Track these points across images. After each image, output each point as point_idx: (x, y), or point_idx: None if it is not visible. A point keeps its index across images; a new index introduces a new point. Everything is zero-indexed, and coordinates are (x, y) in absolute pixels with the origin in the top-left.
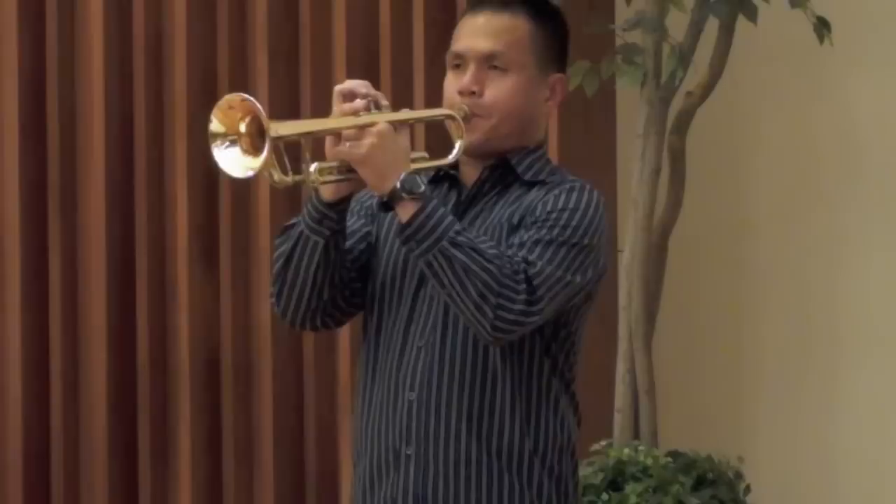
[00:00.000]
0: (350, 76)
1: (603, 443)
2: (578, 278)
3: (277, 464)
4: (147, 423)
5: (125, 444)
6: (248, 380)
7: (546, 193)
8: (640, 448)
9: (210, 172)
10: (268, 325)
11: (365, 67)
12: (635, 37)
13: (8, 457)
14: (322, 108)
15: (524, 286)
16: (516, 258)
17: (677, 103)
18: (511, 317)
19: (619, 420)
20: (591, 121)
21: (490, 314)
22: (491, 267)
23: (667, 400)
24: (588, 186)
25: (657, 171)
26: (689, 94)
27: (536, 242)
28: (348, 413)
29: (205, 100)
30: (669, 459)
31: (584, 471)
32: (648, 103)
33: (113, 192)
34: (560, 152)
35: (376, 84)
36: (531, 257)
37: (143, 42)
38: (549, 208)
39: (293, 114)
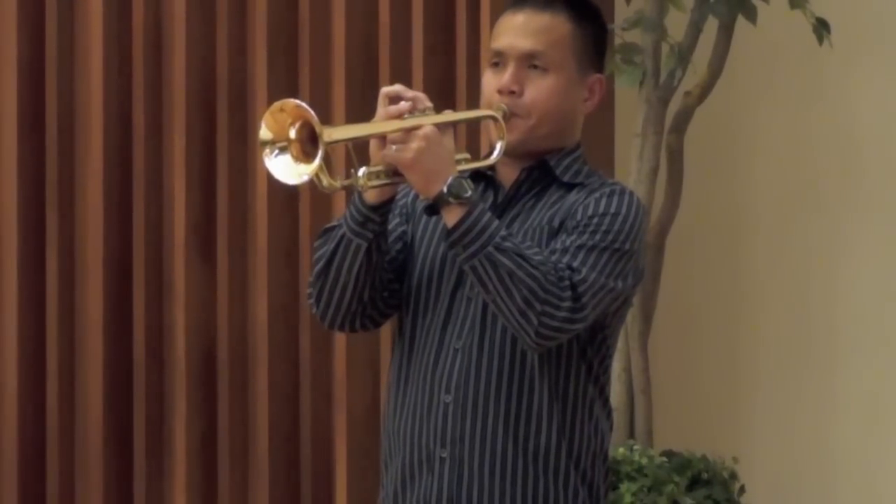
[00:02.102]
0: (349, 70)
1: None
2: (620, 284)
3: (272, 459)
4: (143, 418)
5: (121, 438)
6: (243, 375)
7: (587, 197)
8: (636, 447)
9: (208, 167)
10: (264, 322)
11: (364, 61)
12: (634, 36)
13: (4, 451)
14: (321, 102)
15: (569, 293)
16: (560, 264)
17: (676, 103)
18: (555, 324)
19: (615, 419)
20: (589, 119)
21: (535, 321)
22: (536, 273)
23: (662, 399)
24: (628, 190)
25: (655, 171)
26: (687, 93)
27: (580, 248)
28: (344, 409)
29: (204, 94)
30: (664, 459)
31: None
32: (647, 103)
33: (111, 187)
34: None
35: (375, 78)
36: (575, 263)
37: (141, 35)
38: (590, 213)
39: None
